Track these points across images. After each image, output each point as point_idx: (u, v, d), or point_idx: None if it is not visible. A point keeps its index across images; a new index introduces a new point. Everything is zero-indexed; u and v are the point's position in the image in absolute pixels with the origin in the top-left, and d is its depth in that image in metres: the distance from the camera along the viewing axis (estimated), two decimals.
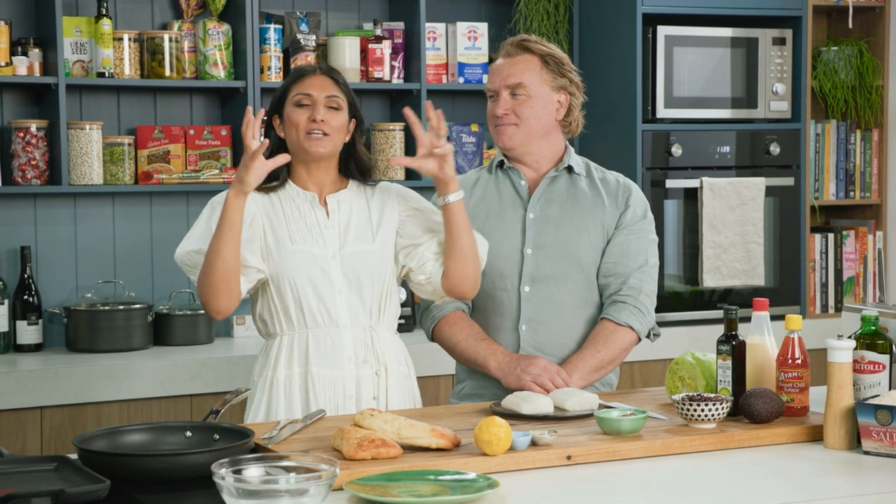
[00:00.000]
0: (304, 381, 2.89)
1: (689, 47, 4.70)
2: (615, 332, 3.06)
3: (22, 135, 4.17)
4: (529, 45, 3.11)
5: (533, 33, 4.73)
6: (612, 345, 3.05)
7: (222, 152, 4.45)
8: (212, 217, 2.89)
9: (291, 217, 2.92)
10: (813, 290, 5.02)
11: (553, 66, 3.11)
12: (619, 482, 2.32)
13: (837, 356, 2.54)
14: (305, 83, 2.92)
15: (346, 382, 2.89)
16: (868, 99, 5.09)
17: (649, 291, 3.12)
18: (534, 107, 3.08)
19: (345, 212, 2.95)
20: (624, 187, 3.16)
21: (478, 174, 3.23)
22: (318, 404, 2.86)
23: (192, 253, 2.90)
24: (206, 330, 4.35)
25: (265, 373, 2.93)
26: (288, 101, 2.93)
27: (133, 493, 2.17)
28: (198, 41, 4.40)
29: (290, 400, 2.88)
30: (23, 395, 3.83)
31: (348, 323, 2.90)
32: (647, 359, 4.51)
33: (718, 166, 4.78)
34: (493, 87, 3.12)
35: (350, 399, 2.90)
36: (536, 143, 3.12)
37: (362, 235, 2.93)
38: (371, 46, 4.56)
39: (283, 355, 2.91)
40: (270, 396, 2.90)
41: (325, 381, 2.88)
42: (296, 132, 2.90)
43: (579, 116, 3.17)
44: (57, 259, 4.36)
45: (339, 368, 2.89)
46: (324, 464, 2.07)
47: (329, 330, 2.90)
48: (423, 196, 3.06)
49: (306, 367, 2.89)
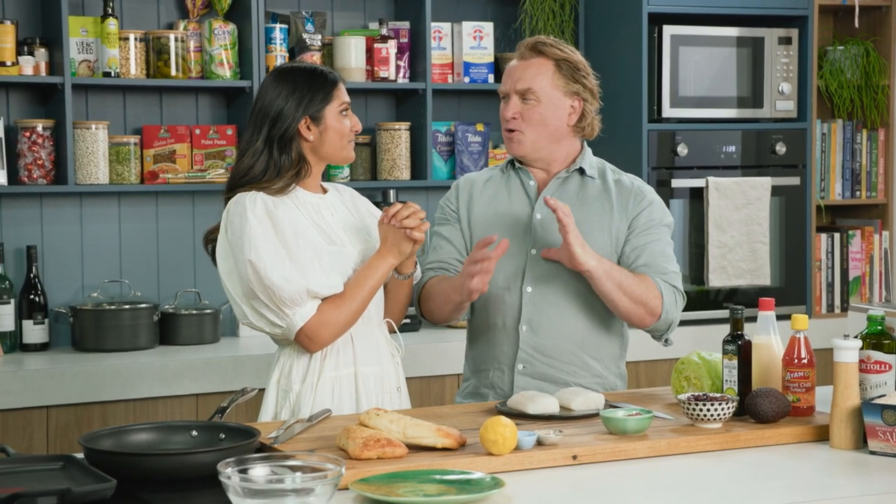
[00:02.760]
0: (351, 382, 2.91)
1: (694, 47, 4.70)
2: (647, 283, 2.97)
3: (28, 134, 4.18)
4: (544, 48, 3.06)
5: (539, 33, 4.74)
6: (639, 284, 2.95)
7: (228, 152, 4.46)
8: (274, 236, 2.81)
9: (312, 219, 2.92)
10: (819, 289, 5.01)
11: (567, 71, 3.06)
12: (624, 482, 2.32)
13: (843, 356, 2.54)
14: (343, 91, 2.95)
15: (386, 378, 2.96)
16: (874, 98, 5.09)
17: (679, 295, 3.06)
18: (543, 112, 3.05)
19: (339, 213, 2.99)
20: (637, 191, 3.11)
21: (490, 173, 3.22)
22: (370, 403, 2.90)
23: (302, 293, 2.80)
24: (211, 329, 4.36)
25: (309, 378, 2.89)
26: (333, 108, 2.92)
27: (139, 493, 2.17)
28: (203, 41, 4.40)
29: (338, 401, 2.89)
30: (29, 394, 3.84)
31: (378, 320, 2.97)
32: (652, 358, 4.51)
33: (724, 166, 4.77)
34: (504, 89, 3.10)
35: (394, 392, 2.97)
36: (547, 148, 3.09)
37: (360, 233, 2.98)
38: (376, 46, 4.56)
39: (329, 357, 2.90)
40: (315, 399, 2.88)
41: (371, 378, 2.93)
42: (339, 140, 2.93)
43: (595, 121, 3.12)
44: (63, 258, 4.36)
45: (379, 365, 2.95)
46: (329, 463, 2.07)
47: (369, 328, 2.94)
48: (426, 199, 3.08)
49: (354, 367, 2.92)
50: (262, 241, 2.78)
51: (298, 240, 2.81)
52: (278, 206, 2.84)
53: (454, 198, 3.19)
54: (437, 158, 4.70)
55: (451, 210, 3.18)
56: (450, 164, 4.74)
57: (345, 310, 2.83)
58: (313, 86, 2.93)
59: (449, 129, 4.74)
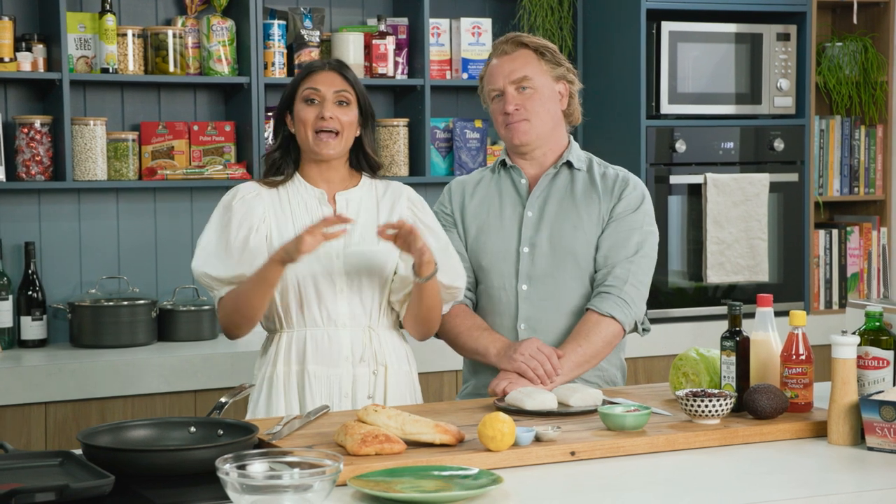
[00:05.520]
0: (300, 379, 2.90)
1: (693, 43, 4.70)
2: (598, 324, 3.01)
3: (26, 130, 4.18)
4: (523, 39, 3.11)
5: (537, 29, 4.74)
6: (594, 338, 3.00)
7: (226, 148, 4.46)
8: (226, 226, 2.89)
9: (298, 214, 2.92)
10: (817, 286, 5.02)
11: (549, 56, 3.11)
12: (622, 478, 2.32)
13: (841, 352, 2.54)
14: (314, 79, 2.92)
15: (342, 381, 2.89)
16: (872, 95, 5.09)
17: (637, 283, 3.06)
18: (542, 99, 3.08)
19: (353, 210, 2.95)
20: (622, 181, 3.13)
21: (481, 174, 3.23)
22: (315, 402, 2.87)
23: (210, 278, 2.89)
24: (210, 325, 4.36)
25: (265, 369, 2.94)
26: (297, 98, 2.92)
27: (137, 489, 2.17)
28: (202, 37, 4.40)
29: (288, 397, 2.89)
30: (27, 390, 3.84)
31: (347, 323, 2.91)
32: (650, 355, 4.51)
33: (722, 162, 4.78)
34: (496, 86, 3.10)
35: (346, 397, 2.90)
36: (546, 136, 3.12)
37: (369, 235, 2.92)
38: (375, 42, 4.56)
39: (283, 352, 2.92)
40: (270, 392, 2.91)
41: (321, 379, 2.89)
42: (304, 130, 2.90)
43: (578, 105, 3.17)
44: (61, 255, 4.36)
45: (335, 367, 2.89)
46: (328, 459, 2.07)
47: (327, 329, 2.90)
48: (425, 195, 3.08)
49: (303, 364, 2.90)
50: (207, 227, 2.94)
51: (239, 231, 2.87)
52: (256, 197, 2.91)
53: (447, 202, 3.20)
54: (436, 155, 4.70)
55: (446, 214, 3.18)
56: (448, 160, 4.74)
57: (230, 300, 2.86)
58: (295, 78, 2.96)
59: (447, 126, 4.74)
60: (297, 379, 2.90)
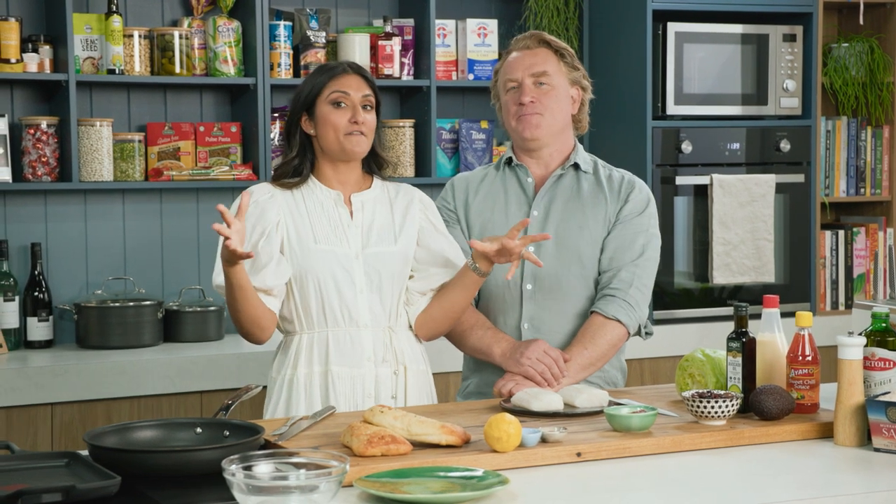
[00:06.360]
0: (324, 380, 2.90)
1: (699, 44, 4.69)
2: (603, 327, 3.03)
3: (32, 132, 4.18)
4: (545, 37, 3.14)
5: (543, 30, 4.73)
6: (599, 340, 3.02)
7: (232, 149, 4.46)
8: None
9: (315, 215, 2.92)
10: (823, 286, 5.01)
11: (568, 59, 3.14)
12: (628, 479, 2.32)
13: (848, 353, 2.54)
14: (342, 82, 2.92)
15: (366, 381, 2.90)
16: (879, 95, 5.08)
17: (641, 286, 3.07)
18: (557, 98, 3.10)
19: (368, 212, 2.96)
20: (628, 183, 3.14)
21: (485, 171, 3.23)
22: (338, 403, 2.87)
23: (221, 289, 2.86)
24: (216, 326, 4.36)
25: (284, 371, 2.94)
26: (322, 100, 2.91)
27: (143, 490, 2.17)
28: (208, 38, 4.40)
29: (310, 398, 2.89)
30: (33, 391, 3.84)
31: (368, 323, 2.92)
32: (656, 356, 4.51)
33: (729, 163, 4.77)
34: (515, 76, 3.10)
35: (369, 398, 2.91)
36: (554, 137, 3.13)
37: (385, 236, 2.94)
38: (381, 43, 4.56)
39: (304, 354, 2.91)
40: (290, 394, 2.91)
41: (345, 379, 2.89)
42: (334, 132, 2.90)
43: (587, 114, 3.20)
44: (67, 256, 4.37)
45: (359, 368, 2.90)
46: (334, 460, 2.07)
47: (349, 329, 2.91)
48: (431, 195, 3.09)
49: (326, 365, 2.90)
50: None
51: (250, 238, 2.84)
52: (270, 200, 2.90)
53: (450, 198, 3.20)
54: (442, 155, 4.70)
55: (449, 210, 3.18)
56: (454, 160, 4.74)
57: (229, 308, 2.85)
58: (312, 79, 2.95)
59: (453, 127, 4.74)
60: (321, 380, 2.90)
